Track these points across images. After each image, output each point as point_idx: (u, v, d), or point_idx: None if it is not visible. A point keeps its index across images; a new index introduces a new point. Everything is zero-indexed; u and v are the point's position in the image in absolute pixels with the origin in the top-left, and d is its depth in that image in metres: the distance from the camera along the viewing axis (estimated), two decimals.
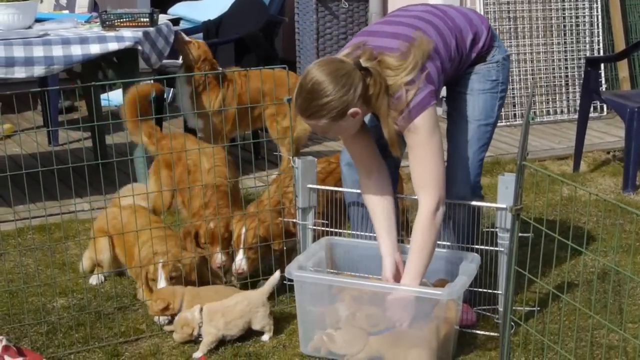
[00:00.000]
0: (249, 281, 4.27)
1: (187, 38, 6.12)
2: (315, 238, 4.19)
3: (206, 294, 4.01)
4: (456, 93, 3.95)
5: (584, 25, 8.14)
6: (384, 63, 3.50)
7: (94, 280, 4.55)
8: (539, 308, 4.08)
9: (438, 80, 3.65)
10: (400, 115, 3.50)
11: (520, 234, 3.14)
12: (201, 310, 3.88)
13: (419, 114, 3.51)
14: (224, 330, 3.85)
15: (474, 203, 3.94)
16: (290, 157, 4.20)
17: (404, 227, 4.56)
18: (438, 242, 3.99)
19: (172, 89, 7.62)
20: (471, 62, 3.89)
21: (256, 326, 3.91)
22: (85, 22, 5.99)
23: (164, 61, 6.16)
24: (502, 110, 7.57)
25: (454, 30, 3.78)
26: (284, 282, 4.13)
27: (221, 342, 3.88)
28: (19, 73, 5.28)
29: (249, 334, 3.94)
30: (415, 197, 3.69)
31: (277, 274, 3.97)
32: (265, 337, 3.93)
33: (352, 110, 3.45)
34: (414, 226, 3.67)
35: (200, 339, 3.86)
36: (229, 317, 3.86)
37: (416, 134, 3.54)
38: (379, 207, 3.79)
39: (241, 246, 4.24)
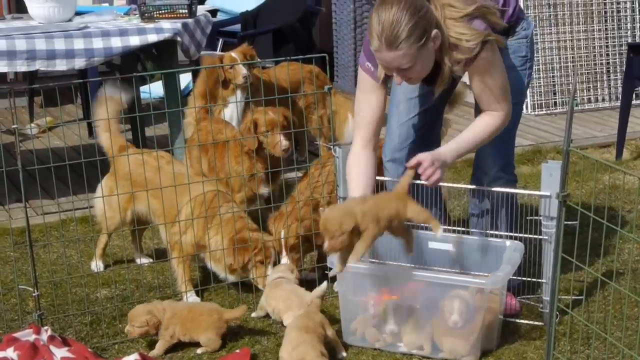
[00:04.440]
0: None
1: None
2: None
3: (181, 312, 3.85)
4: None
5: (625, 11, 8.02)
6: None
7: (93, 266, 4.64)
8: (583, 297, 4.03)
9: None
10: (461, 62, 3.53)
11: (565, 222, 3.10)
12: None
13: (482, 50, 3.53)
14: None
15: (515, 191, 3.92)
16: (331, 147, 4.18)
17: (442, 218, 4.53)
18: (480, 231, 3.99)
19: None
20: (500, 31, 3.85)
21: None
22: (124, 14, 6.02)
23: (202, 52, 6.17)
24: (542, 97, 7.61)
25: None
26: (325, 272, 4.12)
27: (263, 330, 3.90)
28: (60, 65, 5.31)
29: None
30: (454, 185, 3.73)
31: (324, 285, 3.91)
32: None
33: (434, 32, 3.44)
34: (477, 119, 3.74)
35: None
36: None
37: (479, 65, 3.56)
38: (361, 170, 3.79)
39: (283, 249, 4.31)
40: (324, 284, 3.91)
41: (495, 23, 3.58)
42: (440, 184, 4.24)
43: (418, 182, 4.03)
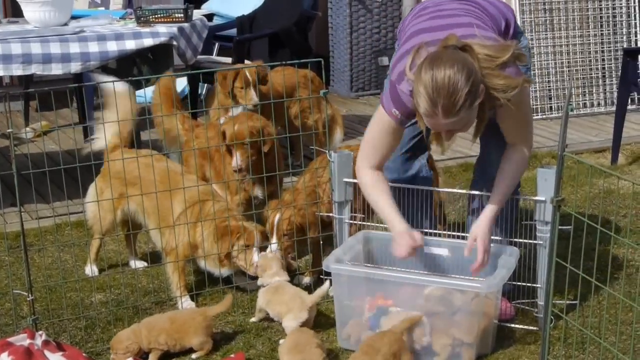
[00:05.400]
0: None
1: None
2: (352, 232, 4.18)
3: (162, 325, 3.82)
4: None
5: (621, 16, 8.03)
6: (474, 50, 3.39)
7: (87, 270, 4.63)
8: (577, 302, 4.04)
9: None
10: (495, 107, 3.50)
11: (559, 227, 3.11)
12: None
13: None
14: None
15: (513, 196, 3.92)
16: (327, 151, 4.19)
17: (440, 220, 4.54)
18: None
19: (206, 84, 7.62)
20: None
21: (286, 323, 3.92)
22: (120, 18, 6.02)
23: (199, 57, 6.16)
24: (538, 102, 7.62)
25: (491, 19, 3.76)
26: (321, 276, 4.12)
27: (258, 334, 3.90)
28: (56, 69, 5.31)
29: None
30: (450, 190, 3.88)
31: (325, 286, 3.93)
32: None
33: (481, 87, 3.35)
34: (505, 164, 3.76)
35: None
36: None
37: (509, 108, 3.50)
38: (387, 191, 3.78)
39: (274, 234, 4.27)
40: (326, 284, 3.91)
41: (524, 61, 3.53)
42: (438, 189, 4.28)
43: (413, 186, 4.06)
